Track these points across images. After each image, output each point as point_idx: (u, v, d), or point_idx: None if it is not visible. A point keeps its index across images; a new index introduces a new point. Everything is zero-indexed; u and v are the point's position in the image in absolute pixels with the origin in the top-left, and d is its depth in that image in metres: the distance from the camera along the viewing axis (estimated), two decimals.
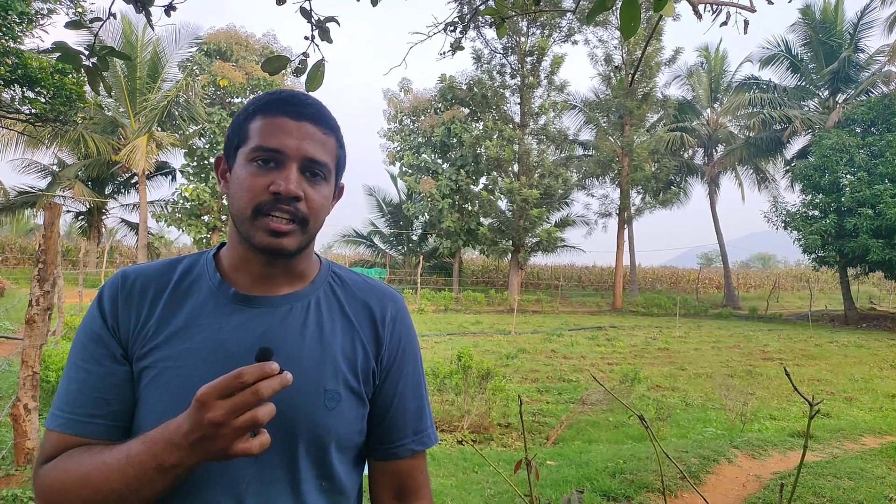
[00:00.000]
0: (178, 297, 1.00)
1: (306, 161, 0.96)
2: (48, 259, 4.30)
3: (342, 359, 1.01)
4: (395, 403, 1.08)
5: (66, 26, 2.02)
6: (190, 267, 1.04)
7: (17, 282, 21.18)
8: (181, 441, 0.79)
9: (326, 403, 0.98)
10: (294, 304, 1.02)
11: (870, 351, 14.52)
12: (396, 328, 1.09)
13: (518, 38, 26.16)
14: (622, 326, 18.97)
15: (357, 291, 1.10)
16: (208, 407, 0.77)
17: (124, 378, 0.95)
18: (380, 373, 1.06)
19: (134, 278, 1.01)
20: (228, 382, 0.77)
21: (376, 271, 29.68)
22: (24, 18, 10.24)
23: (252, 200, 0.94)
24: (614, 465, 4.98)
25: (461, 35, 3.40)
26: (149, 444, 0.82)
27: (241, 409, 0.76)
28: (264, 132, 0.96)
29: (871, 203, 19.65)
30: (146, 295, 0.99)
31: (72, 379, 0.95)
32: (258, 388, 0.77)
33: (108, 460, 0.85)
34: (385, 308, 1.09)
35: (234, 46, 26.08)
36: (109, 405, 0.94)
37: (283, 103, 0.98)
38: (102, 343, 0.96)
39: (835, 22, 25.65)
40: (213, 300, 0.99)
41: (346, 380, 1.01)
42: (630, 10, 1.50)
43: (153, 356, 0.95)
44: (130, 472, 0.82)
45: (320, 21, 2.17)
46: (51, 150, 23.62)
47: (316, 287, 1.06)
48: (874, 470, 5.02)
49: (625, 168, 27.19)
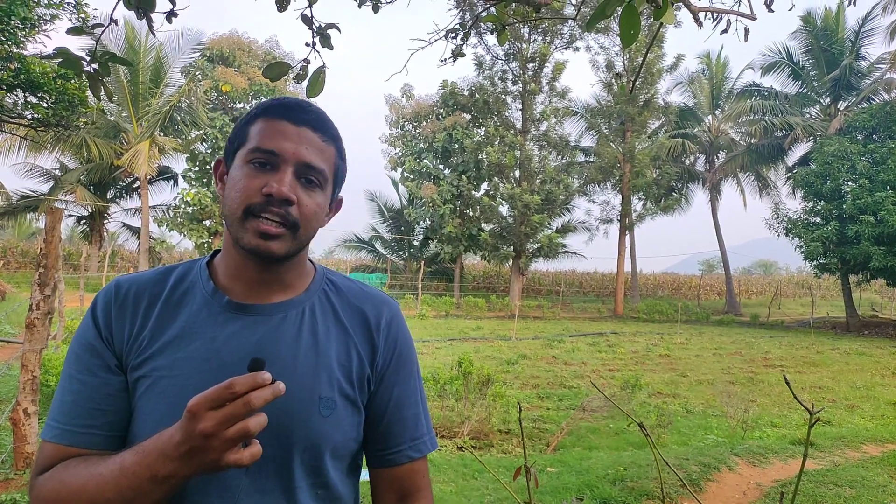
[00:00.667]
0: (171, 306, 0.99)
1: (302, 165, 0.96)
2: (49, 263, 4.31)
3: (337, 366, 1.01)
4: (390, 410, 1.07)
5: (69, 32, 2.03)
6: (183, 275, 1.04)
7: (17, 285, 21.18)
8: (173, 452, 0.78)
9: (321, 411, 0.97)
10: (289, 312, 1.01)
11: (871, 358, 14.47)
12: (391, 334, 1.08)
13: (520, 44, 26.23)
14: (623, 333, 18.93)
15: (352, 298, 1.09)
16: (199, 418, 0.76)
17: (120, 388, 0.95)
18: (374, 379, 1.06)
19: (127, 288, 1.00)
20: (219, 393, 0.76)
21: (377, 276, 29.66)
22: (27, 24, 10.30)
23: (244, 201, 0.94)
24: (615, 472, 4.96)
25: (462, 42, 3.41)
26: (142, 455, 0.81)
27: (231, 419, 0.76)
28: (263, 134, 0.96)
29: (872, 210, 19.65)
30: (140, 304, 0.99)
31: (66, 390, 0.95)
32: (249, 398, 0.76)
33: (103, 472, 0.84)
34: (380, 314, 1.09)
35: (237, 52, 26.21)
36: (105, 416, 0.94)
37: (284, 108, 0.98)
38: (97, 353, 0.96)
39: (836, 29, 25.71)
40: (206, 309, 0.99)
41: (341, 387, 1.00)
42: (630, 17, 1.50)
43: (148, 366, 0.94)
44: (125, 484, 0.81)
45: (321, 28, 2.18)
46: (53, 154, 23.74)
47: (311, 294, 1.05)
48: (875, 478, 5.00)
49: (626, 174, 27.21)
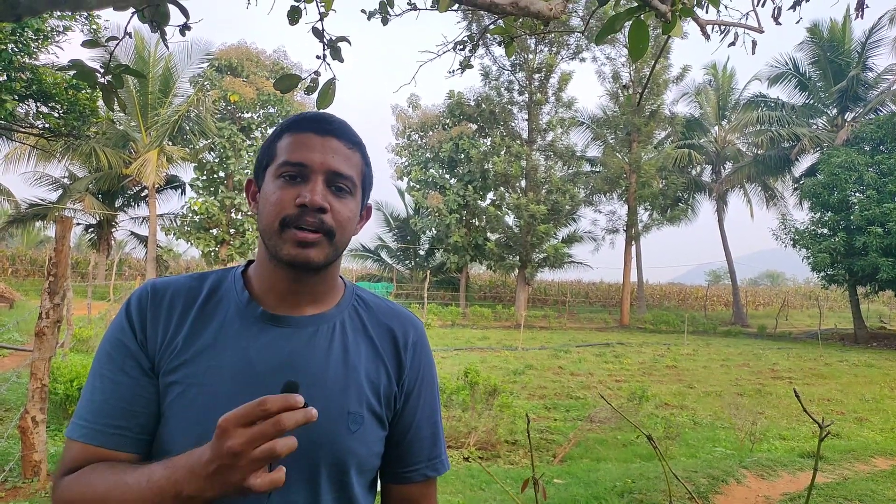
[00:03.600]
0: (206, 313, 0.99)
1: (331, 174, 0.98)
2: (59, 272, 4.33)
3: (366, 382, 1.02)
4: (412, 429, 1.08)
5: (83, 45, 2.06)
6: (218, 283, 1.04)
7: (26, 293, 21.29)
8: (201, 471, 0.77)
9: (350, 426, 0.98)
10: (320, 326, 1.02)
11: (881, 370, 14.33)
12: (417, 354, 1.10)
13: (526, 55, 26.31)
14: (630, 343, 18.84)
15: (380, 315, 1.10)
16: (228, 435, 0.75)
17: (152, 391, 0.95)
18: (401, 398, 1.07)
19: (164, 291, 1.00)
20: (251, 410, 0.75)
21: (383, 286, 29.64)
22: (40, 35, 10.43)
23: (279, 214, 0.95)
24: (623, 484, 4.93)
25: (471, 53, 3.44)
26: (171, 470, 0.80)
27: (260, 439, 0.75)
28: (291, 148, 0.98)
29: (880, 221, 19.54)
30: (174, 309, 0.99)
31: (97, 389, 0.94)
32: (280, 418, 0.75)
33: (130, 481, 0.84)
34: (407, 333, 1.10)
35: (245, 62, 26.39)
36: (136, 418, 0.94)
37: (308, 121, 1.00)
38: (131, 355, 0.96)
39: (843, 41, 25.69)
40: (239, 318, 0.99)
41: (369, 403, 1.01)
42: (638, 32, 1.51)
43: (180, 372, 0.94)
44: (149, 497, 0.81)
45: (332, 41, 2.20)
46: (62, 163, 23.93)
47: (341, 309, 1.06)
48: (885, 492, 4.94)
49: (632, 185, 27.17)
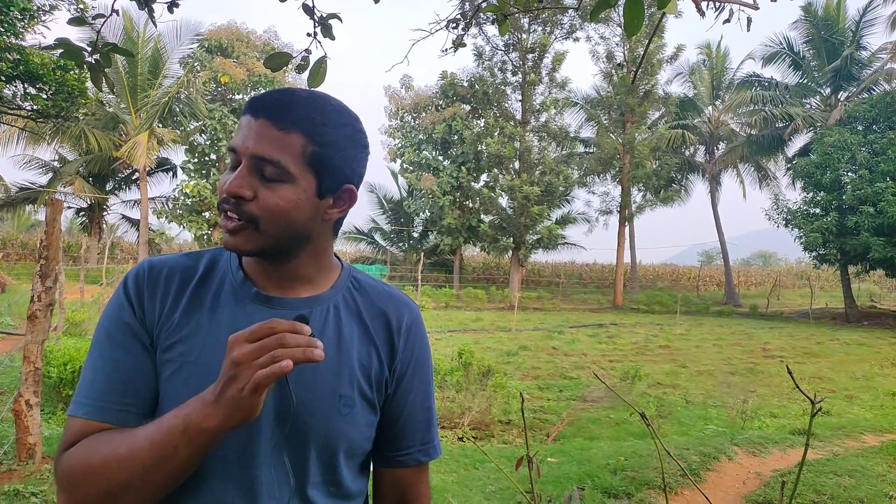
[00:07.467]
0: (201, 292, 0.99)
1: (255, 159, 0.91)
2: (50, 255, 4.30)
3: (358, 366, 1.01)
4: (404, 413, 1.08)
5: (70, 23, 2.02)
6: (214, 262, 1.04)
7: (17, 277, 21.17)
8: (209, 395, 0.81)
9: (340, 409, 0.98)
10: (314, 308, 1.01)
11: (871, 349, 14.51)
12: (411, 338, 1.09)
13: (519, 35, 26.11)
14: (623, 324, 18.97)
15: (375, 298, 1.09)
16: (235, 346, 0.80)
17: (153, 366, 0.95)
18: (392, 382, 1.06)
19: (160, 268, 1.00)
20: (258, 328, 0.80)
21: (377, 268, 29.61)
22: (26, 14, 10.26)
23: (219, 202, 0.96)
24: (615, 462, 4.99)
25: (463, 32, 3.39)
26: (181, 408, 0.84)
27: (263, 350, 0.79)
28: (235, 133, 0.96)
29: (872, 201, 19.65)
30: (171, 286, 0.99)
31: (98, 369, 0.94)
32: (283, 335, 0.79)
33: (138, 432, 0.86)
34: (401, 317, 1.09)
35: (235, 43, 26.05)
36: (140, 393, 0.93)
37: (250, 102, 0.95)
38: (131, 331, 0.95)
39: (837, 19, 25.61)
40: (234, 298, 0.99)
41: (360, 387, 1.01)
42: (634, 7, 1.49)
43: (175, 350, 0.94)
44: (157, 439, 0.83)
45: (323, 17, 2.17)
46: (52, 146, 23.70)
47: (336, 292, 1.05)
48: (875, 468, 5.02)
49: (626, 165, 27.15)
